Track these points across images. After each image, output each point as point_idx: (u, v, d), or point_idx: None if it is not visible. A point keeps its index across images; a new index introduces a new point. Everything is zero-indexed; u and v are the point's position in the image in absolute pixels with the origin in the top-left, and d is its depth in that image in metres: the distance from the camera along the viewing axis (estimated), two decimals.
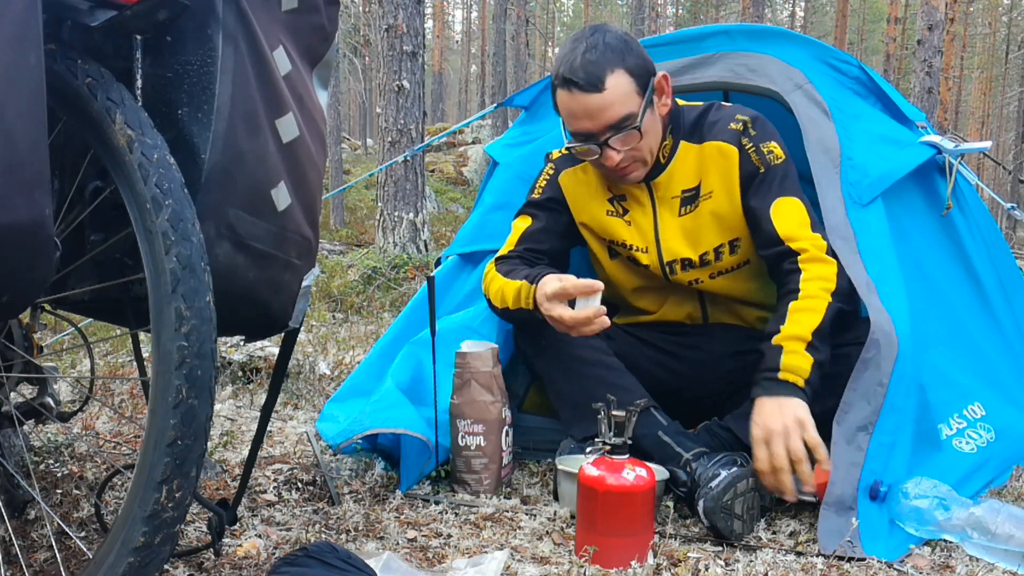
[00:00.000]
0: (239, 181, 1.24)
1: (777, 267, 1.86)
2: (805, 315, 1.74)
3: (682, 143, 1.93)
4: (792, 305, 1.76)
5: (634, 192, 1.97)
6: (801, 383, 1.69)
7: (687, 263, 1.97)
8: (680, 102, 1.98)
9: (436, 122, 21.32)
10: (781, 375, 1.69)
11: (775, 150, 1.88)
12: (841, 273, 1.79)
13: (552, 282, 1.78)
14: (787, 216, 1.84)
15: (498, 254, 2.04)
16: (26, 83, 1.01)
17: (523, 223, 2.05)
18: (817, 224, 1.86)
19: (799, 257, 1.81)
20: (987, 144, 2.16)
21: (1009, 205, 2.24)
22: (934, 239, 2.08)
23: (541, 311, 1.80)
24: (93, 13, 1.17)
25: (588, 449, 1.62)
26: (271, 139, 1.28)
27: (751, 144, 1.88)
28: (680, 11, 30.01)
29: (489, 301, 1.99)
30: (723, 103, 1.98)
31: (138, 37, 1.21)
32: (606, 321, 1.73)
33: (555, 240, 2.04)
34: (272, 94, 1.28)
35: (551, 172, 2.06)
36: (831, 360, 1.74)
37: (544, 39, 30.02)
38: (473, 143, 16.19)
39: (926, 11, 8.48)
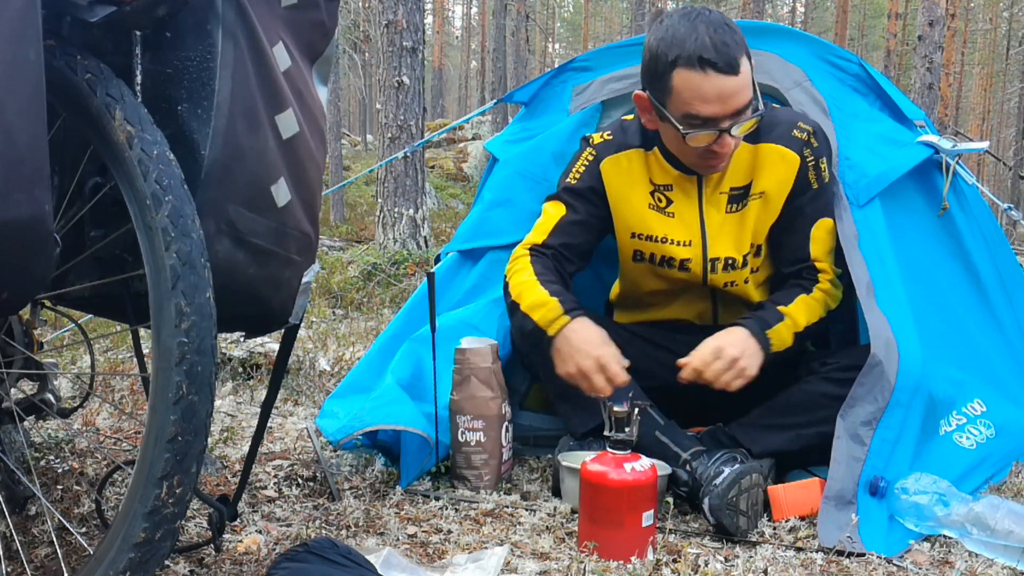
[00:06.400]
0: (239, 177, 1.24)
1: (795, 276, 1.93)
2: (809, 308, 1.86)
3: None
4: (802, 296, 1.87)
5: (683, 183, 1.92)
6: (772, 351, 1.80)
7: (730, 263, 1.95)
8: None
9: (436, 118, 21.27)
10: (769, 332, 1.80)
11: (825, 169, 1.90)
12: (842, 305, 1.91)
13: (603, 346, 1.75)
14: (823, 240, 1.92)
15: (531, 240, 1.96)
16: (26, 79, 1.01)
17: (557, 210, 1.96)
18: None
19: (819, 274, 1.91)
20: (985, 144, 2.16)
21: (1006, 206, 2.25)
22: (933, 238, 2.08)
23: (556, 345, 1.77)
24: (92, 9, 1.16)
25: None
26: (271, 135, 1.28)
27: (812, 157, 1.88)
28: (681, 7, 29.93)
29: (505, 286, 1.93)
30: (775, 104, 1.94)
31: (137, 33, 1.21)
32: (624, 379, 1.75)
33: (589, 234, 1.98)
34: (272, 90, 1.28)
35: (591, 157, 1.96)
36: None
37: (544, 35, 29.98)
38: (473, 139, 16.15)
39: (927, 7, 8.46)
